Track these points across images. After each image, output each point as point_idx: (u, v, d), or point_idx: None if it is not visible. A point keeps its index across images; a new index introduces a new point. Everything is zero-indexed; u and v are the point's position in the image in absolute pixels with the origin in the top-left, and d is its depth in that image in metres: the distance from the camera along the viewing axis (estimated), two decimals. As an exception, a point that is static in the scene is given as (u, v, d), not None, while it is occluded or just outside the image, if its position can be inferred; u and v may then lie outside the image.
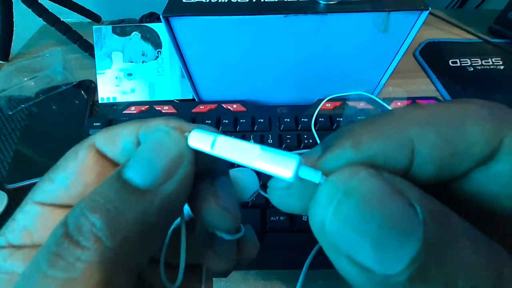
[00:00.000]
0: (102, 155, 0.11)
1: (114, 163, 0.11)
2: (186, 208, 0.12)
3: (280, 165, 0.08)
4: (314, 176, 0.08)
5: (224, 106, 0.34)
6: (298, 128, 0.32)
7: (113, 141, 0.11)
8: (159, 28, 0.39)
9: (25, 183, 0.31)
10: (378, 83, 0.35)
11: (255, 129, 0.32)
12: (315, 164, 0.08)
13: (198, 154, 0.10)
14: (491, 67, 0.43)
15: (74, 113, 0.38)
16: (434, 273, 0.06)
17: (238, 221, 0.12)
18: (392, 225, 0.06)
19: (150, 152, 0.10)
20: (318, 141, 0.30)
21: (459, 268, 0.06)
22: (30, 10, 0.44)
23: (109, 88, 0.39)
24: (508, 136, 0.07)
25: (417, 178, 0.07)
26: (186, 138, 0.10)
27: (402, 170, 0.07)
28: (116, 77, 0.39)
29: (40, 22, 0.46)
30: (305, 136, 0.31)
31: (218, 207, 0.11)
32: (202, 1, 0.28)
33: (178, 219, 0.11)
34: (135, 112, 0.35)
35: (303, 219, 0.25)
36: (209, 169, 0.12)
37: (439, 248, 0.06)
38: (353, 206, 0.06)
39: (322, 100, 0.34)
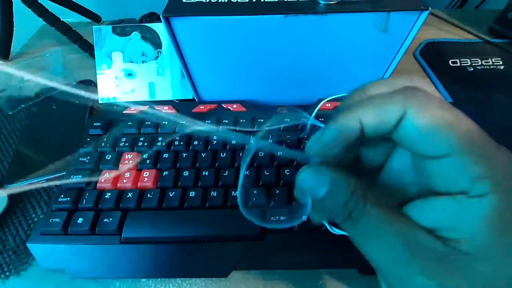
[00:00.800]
0: None
1: None
2: None
3: None
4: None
5: (224, 106, 0.34)
6: (298, 128, 0.32)
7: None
8: (159, 28, 0.39)
9: (25, 183, 0.31)
10: (378, 83, 0.35)
11: (255, 129, 0.32)
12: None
13: None
14: (491, 67, 0.43)
15: (74, 113, 0.38)
16: (328, 197, 0.14)
17: None
18: (317, 182, 0.14)
19: None
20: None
21: (338, 195, 0.13)
22: (30, 10, 0.44)
23: (109, 88, 0.39)
24: (409, 108, 0.12)
25: (368, 134, 0.13)
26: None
27: (357, 131, 0.13)
28: (116, 77, 0.39)
29: (40, 22, 0.46)
30: (305, 136, 0.31)
31: None
32: (202, 1, 0.28)
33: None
34: (135, 112, 0.35)
35: (303, 219, 0.25)
36: None
37: (333, 189, 0.14)
38: (306, 177, 0.15)
39: (322, 100, 0.34)
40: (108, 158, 0.30)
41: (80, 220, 0.26)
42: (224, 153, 0.29)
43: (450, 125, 0.12)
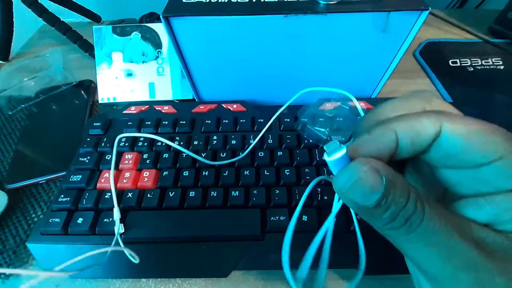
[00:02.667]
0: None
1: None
2: None
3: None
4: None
5: (224, 106, 0.34)
6: (298, 128, 0.32)
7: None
8: (159, 28, 0.39)
9: (25, 183, 0.31)
10: (378, 83, 0.35)
11: (255, 129, 0.32)
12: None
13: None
14: (491, 67, 0.43)
15: (74, 113, 0.38)
16: (384, 203, 0.12)
17: None
18: (370, 187, 0.12)
19: None
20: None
21: (395, 198, 0.12)
22: (30, 10, 0.44)
23: (109, 88, 0.39)
24: (444, 123, 0.13)
25: (403, 152, 0.14)
26: None
27: (393, 146, 0.13)
28: (116, 77, 0.39)
29: (40, 22, 0.46)
30: (305, 136, 0.31)
31: None
32: (202, 1, 0.28)
33: None
34: (135, 112, 0.35)
35: (303, 219, 0.25)
36: None
37: (389, 194, 0.12)
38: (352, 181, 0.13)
39: (322, 100, 0.34)
40: (108, 158, 0.30)
41: (80, 220, 0.26)
42: (224, 153, 0.29)
43: (491, 132, 0.12)
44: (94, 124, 0.33)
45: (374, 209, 0.12)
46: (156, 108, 0.35)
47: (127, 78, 0.39)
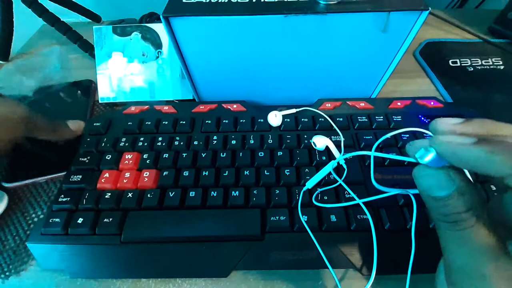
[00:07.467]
0: None
1: None
2: None
3: None
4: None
5: (224, 106, 0.34)
6: (298, 128, 0.32)
7: None
8: (159, 28, 0.39)
9: (25, 183, 0.31)
10: (378, 83, 0.35)
11: (255, 129, 0.32)
12: None
13: None
14: (491, 67, 0.43)
15: (74, 113, 0.38)
16: (445, 199, 0.14)
17: None
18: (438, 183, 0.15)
19: None
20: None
21: (456, 202, 0.14)
22: (30, 10, 0.44)
23: (109, 88, 0.39)
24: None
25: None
26: None
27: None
28: (116, 77, 0.39)
29: (40, 22, 0.46)
30: (305, 136, 0.31)
31: None
32: (202, 1, 0.28)
33: None
34: (135, 112, 0.35)
35: (303, 219, 0.25)
36: None
37: (454, 196, 0.14)
38: (429, 176, 0.16)
39: (322, 100, 0.34)
40: (108, 158, 0.30)
41: (80, 220, 0.26)
42: (224, 153, 0.29)
43: None
44: (94, 124, 0.33)
45: (434, 201, 0.15)
46: (156, 108, 0.35)
47: (128, 78, 0.39)
